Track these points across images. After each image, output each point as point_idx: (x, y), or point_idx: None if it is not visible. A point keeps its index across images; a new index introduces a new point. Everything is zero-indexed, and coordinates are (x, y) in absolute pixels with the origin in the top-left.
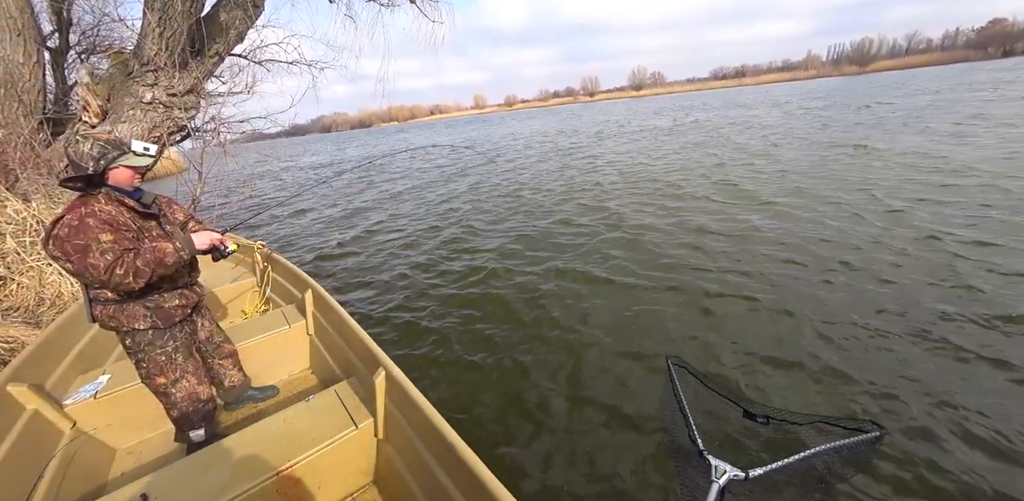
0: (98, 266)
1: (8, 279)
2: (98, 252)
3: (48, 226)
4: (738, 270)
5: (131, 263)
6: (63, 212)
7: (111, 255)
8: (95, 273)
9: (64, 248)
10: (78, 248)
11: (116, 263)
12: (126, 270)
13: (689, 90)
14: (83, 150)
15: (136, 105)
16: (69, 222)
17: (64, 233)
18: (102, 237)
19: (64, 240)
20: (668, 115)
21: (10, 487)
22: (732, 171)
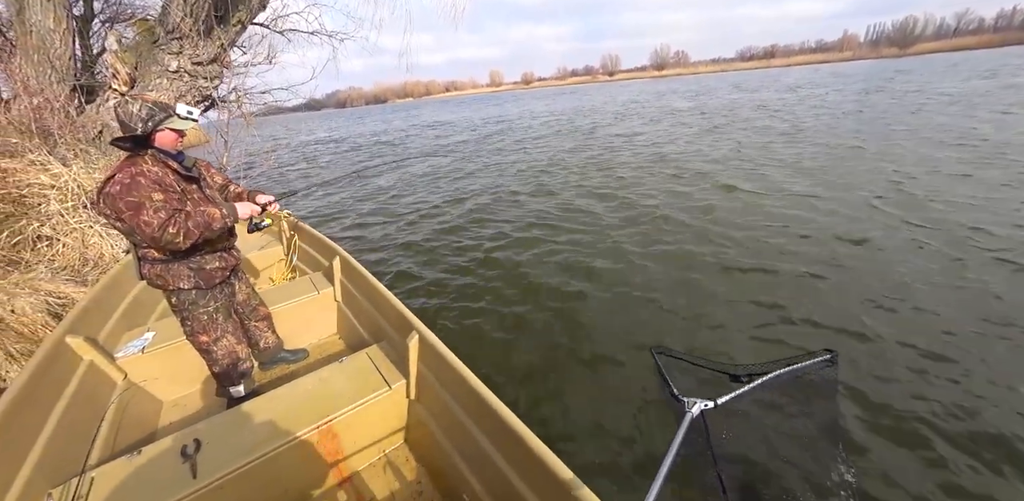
0: (151, 223)
1: (54, 239)
2: (151, 210)
3: (99, 185)
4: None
5: (183, 223)
6: (113, 171)
7: (164, 213)
8: (148, 230)
9: (116, 205)
10: (131, 205)
11: (169, 222)
12: (177, 229)
13: (714, 71)
14: (132, 111)
15: (162, 74)
16: (121, 180)
17: (116, 191)
18: (154, 196)
19: (116, 197)
20: (693, 98)
21: (77, 431)
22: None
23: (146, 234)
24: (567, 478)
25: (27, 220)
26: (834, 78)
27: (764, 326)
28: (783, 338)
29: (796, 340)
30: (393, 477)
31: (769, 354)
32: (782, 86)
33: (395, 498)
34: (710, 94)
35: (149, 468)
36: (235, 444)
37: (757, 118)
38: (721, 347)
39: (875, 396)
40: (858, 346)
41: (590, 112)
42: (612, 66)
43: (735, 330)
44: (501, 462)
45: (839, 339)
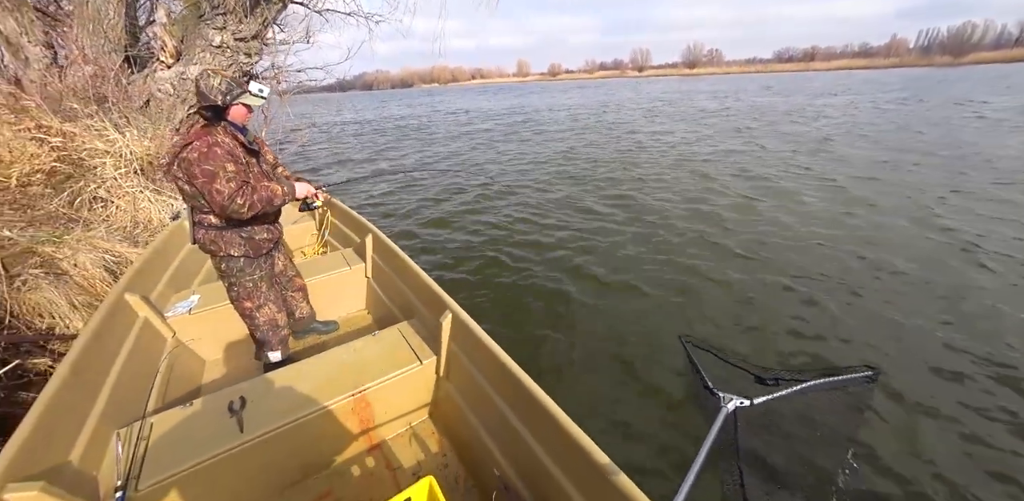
0: (223, 192)
1: (109, 202)
2: (224, 179)
3: (174, 148)
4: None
5: (249, 195)
6: (190, 138)
7: (235, 184)
8: (218, 198)
9: (192, 171)
10: (206, 173)
11: (238, 192)
12: (244, 200)
13: (748, 71)
14: (212, 84)
15: (206, 48)
16: (199, 147)
17: (194, 157)
18: (228, 166)
19: (193, 163)
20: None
21: (136, 380)
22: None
23: (216, 201)
24: (603, 462)
25: (85, 182)
26: (866, 85)
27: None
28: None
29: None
30: (419, 448)
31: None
32: (812, 92)
33: (421, 467)
34: (738, 95)
35: (201, 419)
36: (276, 405)
37: (782, 122)
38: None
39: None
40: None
41: (617, 108)
42: (642, 61)
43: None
44: (532, 442)
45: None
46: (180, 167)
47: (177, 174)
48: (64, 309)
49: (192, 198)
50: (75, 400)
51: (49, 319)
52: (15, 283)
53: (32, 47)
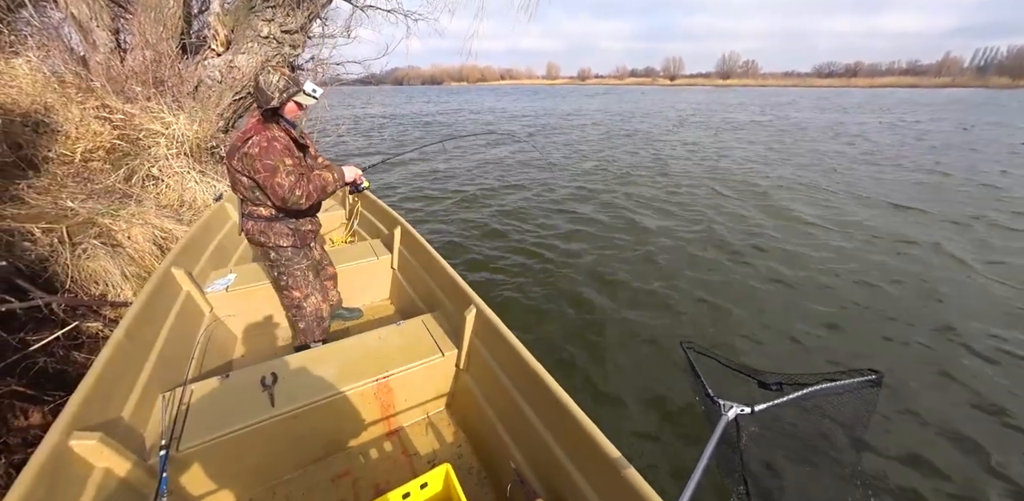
0: (284, 185)
1: (160, 180)
2: (284, 173)
3: (236, 142)
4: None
5: (305, 187)
6: (248, 132)
7: (293, 177)
8: (280, 191)
9: (254, 165)
10: (268, 167)
11: (296, 184)
12: (302, 192)
13: (785, 85)
14: (272, 80)
15: (254, 38)
16: (259, 143)
17: (256, 152)
18: (286, 160)
19: (255, 158)
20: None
21: (179, 349)
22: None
23: (277, 195)
24: (614, 457)
25: (140, 160)
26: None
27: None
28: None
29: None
30: (435, 438)
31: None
32: (837, 107)
33: (436, 456)
34: (778, 110)
35: (236, 390)
36: (305, 383)
37: (822, 141)
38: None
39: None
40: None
41: (645, 116)
42: (674, 70)
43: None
44: (548, 437)
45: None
46: (242, 161)
47: (237, 167)
48: (117, 278)
49: (247, 190)
50: (127, 363)
51: (103, 286)
52: (76, 251)
53: (100, 31)
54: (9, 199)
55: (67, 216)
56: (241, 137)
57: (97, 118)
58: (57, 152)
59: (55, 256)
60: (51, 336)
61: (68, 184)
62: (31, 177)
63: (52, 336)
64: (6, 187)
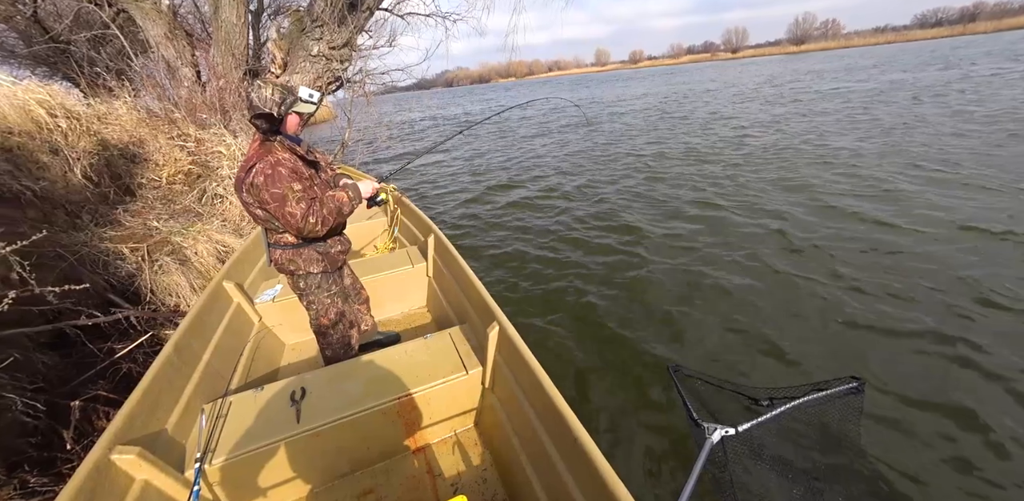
0: (295, 214)
1: (225, 198)
2: (294, 201)
3: (240, 173)
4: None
5: (319, 212)
6: (251, 160)
7: (304, 204)
8: (292, 221)
9: (261, 196)
10: (276, 197)
11: (309, 211)
12: (316, 218)
13: (878, 42)
14: (266, 95)
15: (306, 58)
16: (263, 170)
17: (261, 181)
18: (294, 186)
19: (261, 188)
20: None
21: (225, 360)
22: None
23: (290, 225)
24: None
25: (209, 181)
26: None
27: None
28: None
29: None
30: (460, 458)
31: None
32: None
33: (460, 478)
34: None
35: (267, 405)
36: (330, 400)
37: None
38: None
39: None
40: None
41: (682, 99)
42: (737, 41)
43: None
44: (563, 470)
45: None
46: (250, 193)
47: (247, 200)
48: (186, 290)
49: (264, 221)
50: (175, 376)
51: (176, 298)
52: (154, 267)
53: (184, 68)
54: (109, 223)
55: (151, 235)
56: (244, 166)
57: (177, 145)
58: (148, 178)
59: (140, 272)
60: (132, 345)
61: (156, 206)
62: (127, 202)
63: (133, 344)
64: (107, 212)
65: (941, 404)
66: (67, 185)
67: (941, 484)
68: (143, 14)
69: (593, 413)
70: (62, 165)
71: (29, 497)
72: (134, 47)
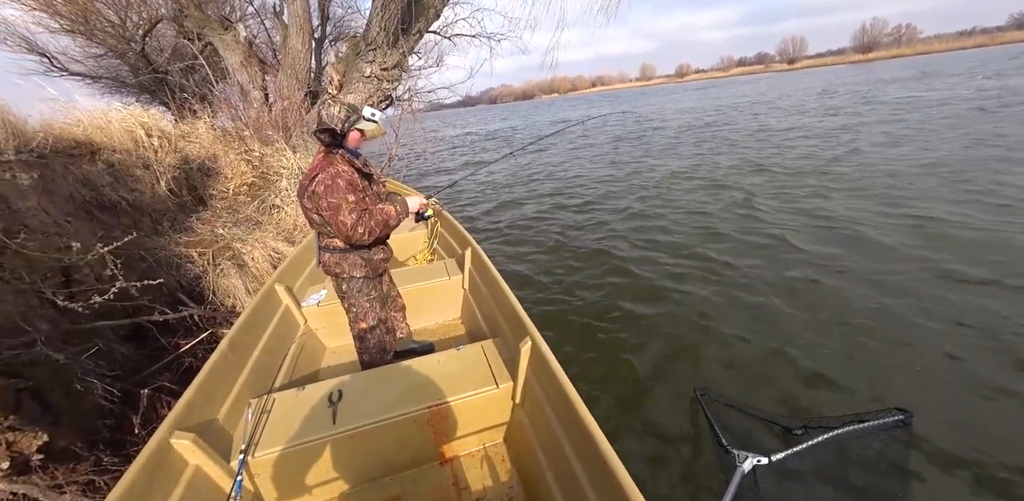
0: (346, 223)
1: (281, 208)
2: (347, 211)
3: (304, 181)
4: None
5: (367, 223)
6: (315, 170)
7: (356, 215)
8: (343, 229)
9: (320, 204)
10: (332, 206)
11: (358, 222)
12: (365, 228)
13: (961, 47)
14: (333, 113)
15: (360, 79)
16: (324, 180)
17: (321, 190)
18: (349, 197)
19: (321, 197)
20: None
21: (272, 358)
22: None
23: (341, 232)
24: None
25: (268, 192)
26: None
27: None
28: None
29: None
30: (488, 473)
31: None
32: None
33: (486, 493)
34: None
35: (307, 404)
36: (365, 404)
37: None
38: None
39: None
40: None
41: (719, 113)
42: (794, 51)
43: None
44: (591, 493)
45: None
46: (311, 200)
47: (307, 206)
48: (242, 293)
49: (319, 226)
50: (227, 371)
51: (233, 299)
52: (216, 270)
53: (255, 91)
54: (183, 229)
55: (216, 241)
56: (308, 175)
57: (244, 160)
58: (218, 190)
59: (204, 274)
60: (194, 341)
61: (222, 215)
62: (199, 211)
63: (195, 341)
64: (183, 220)
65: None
66: (154, 195)
67: None
68: (224, 45)
69: (621, 432)
70: (151, 178)
71: (101, 474)
72: (216, 74)
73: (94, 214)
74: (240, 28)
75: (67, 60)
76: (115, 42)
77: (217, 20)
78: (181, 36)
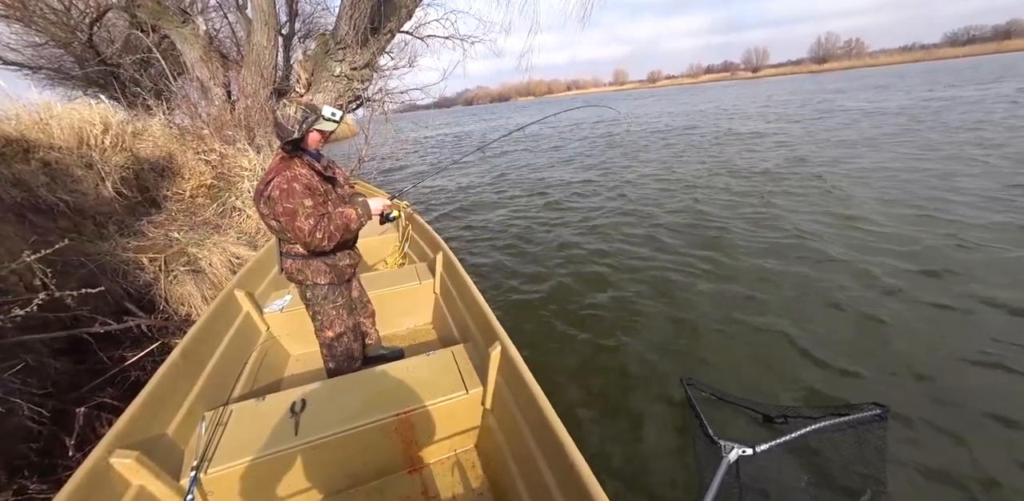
0: (303, 229)
1: (243, 211)
2: (303, 216)
3: (259, 186)
4: None
5: (326, 228)
6: (270, 174)
7: (313, 220)
8: (300, 235)
9: (275, 209)
10: (288, 211)
11: (316, 227)
12: (323, 234)
13: (902, 62)
14: (289, 114)
15: (329, 78)
16: (279, 185)
17: (276, 195)
18: (306, 202)
19: (276, 202)
20: None
21: (230, 367)
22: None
23: (299, 238)
24: None
25: (229, 194)
26: None
27: None
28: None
29: None
30: (458, 480)
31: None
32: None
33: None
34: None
35: (267, 415)
36: (329, 414)
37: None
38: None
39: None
40: None
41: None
42: (758, 61)
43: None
44: (559, 497)
45: None
46: (266, 205)
47: (264, 211)
48: (198, 300)
49: (278, 232)
50: (179, 382)
51: (188, 307)
52: (169, 277)
53: (216, 88)
54: (133, 233)
55: (170, 246)
56: (263, 179)
57: (202, 160)
58: (173, 191)
59: (156, 282)
60: (142, 353)
61: (179, 218)
62: (152, 214)
63: (143, 352)
64: (133, 223)
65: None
66: (98, 197)
67: None
68: (183, 38)
69: (592, 427)
70: (95, 178)
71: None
72: (174, 69)
73: (27, 217)
74: (200, 21)
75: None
76: (57, 31)
77: (175, 12)
78: (134, 27)
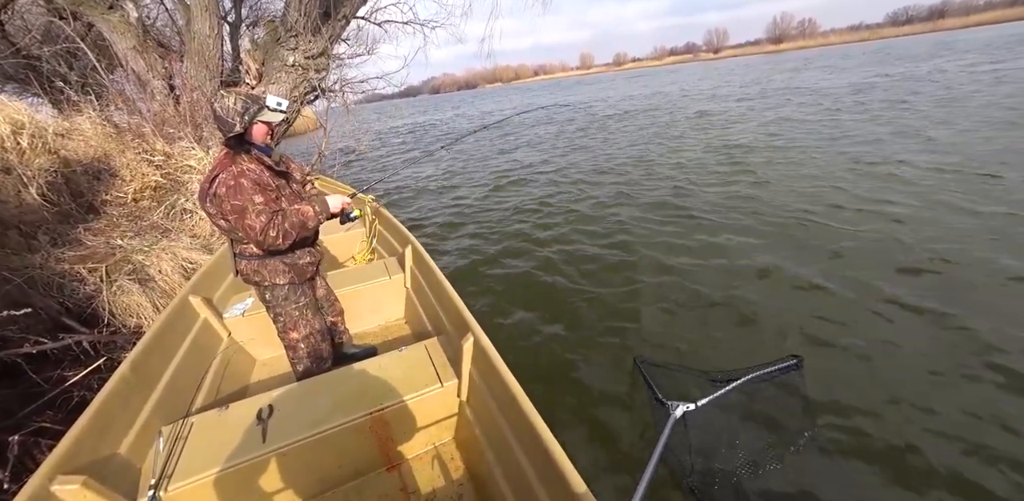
0: (254, 227)
1: (194, 213)
2: (253, 214)
3: (204, 184)
4: None
5: (280, 225)
6: (216, 170)
7: (264, 217)
8: (251, 233)
9: (223, 207)
10: (236, 209)
11: (269, 225)
12: (277, 232)
13: (853, 41)
14: (228, 105)
15: (281, 68)
16: (225, 181)
17: (223, 192)
18: (255, 198)
19: (223, 199)
20: None
21: (189, 378)
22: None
23: (251, 237)
24: None
25: (177, 195)
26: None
27: None
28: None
29: None
30: (438, 473)
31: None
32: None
33: (436, 495)
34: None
35: (232, 425)
36: (299, 417)
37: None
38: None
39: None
40: None
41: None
42: (718, 42)
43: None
44: (537, 486)
45: None
46: (212, 204)
47: (210, 211)
48: (149, 310)
49: (228, 232)
50: (130, 396)
51: (137, 319)
52: (112, 287)
53: (155, 81)
54: (67, 243)
55: (112, 254)
56: (208, 177)
57: (144, 160)
58: (113, 195)
59: (98, 293)
60: (85, 371)
61: (122, 223)
62: (90, 220)
63: (87, 370)
64: (67, 232)
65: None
66: (20, 205)
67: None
68: (111, 27)
69: (561, 406)
70: (15, 184)
71: None
72: (104, 61)
73: None
74: (130, 8)
75: None
76: None
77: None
78: (52, 14)
